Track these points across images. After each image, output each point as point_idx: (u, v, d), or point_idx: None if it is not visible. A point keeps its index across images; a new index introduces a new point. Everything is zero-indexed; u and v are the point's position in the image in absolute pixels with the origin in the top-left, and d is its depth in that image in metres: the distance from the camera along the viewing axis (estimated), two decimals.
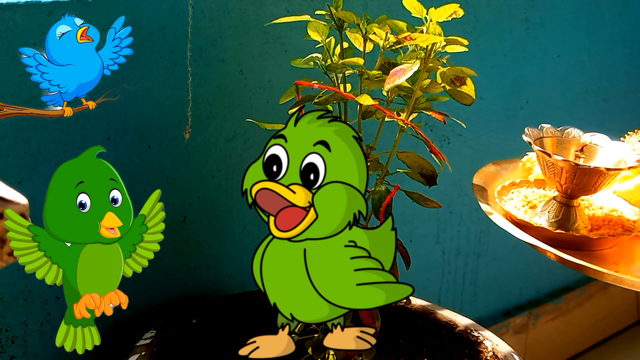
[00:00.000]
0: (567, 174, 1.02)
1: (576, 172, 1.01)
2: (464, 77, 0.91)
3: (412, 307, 1.12)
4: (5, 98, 0.92)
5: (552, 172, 1.03)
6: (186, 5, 1.03)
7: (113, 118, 1.01)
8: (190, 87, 1.06)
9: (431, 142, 0.91)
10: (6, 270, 0.97)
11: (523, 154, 1.19)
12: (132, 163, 1.04)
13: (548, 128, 1.09)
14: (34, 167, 0.96)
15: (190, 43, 1.05)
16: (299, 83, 0.92)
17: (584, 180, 1.02)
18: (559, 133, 1.09)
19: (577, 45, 1.56)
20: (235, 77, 1.10)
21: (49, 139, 0.97)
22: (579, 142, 1.08)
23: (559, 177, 1.02)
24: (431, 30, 0.91)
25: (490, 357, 1.04)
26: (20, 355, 1.01)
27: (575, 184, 1.02)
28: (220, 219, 1.14)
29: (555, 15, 1.49)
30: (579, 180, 1.02)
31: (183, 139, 1.08)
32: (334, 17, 0.93)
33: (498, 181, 1.14)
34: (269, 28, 1.11)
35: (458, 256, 1.50)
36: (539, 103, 1.52)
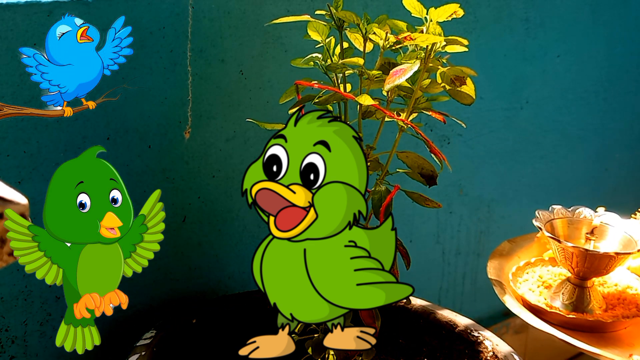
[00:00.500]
0: (577, 259, 1.04)
1: (587, 257, 1.03)
2: (464, 77, 0.91)
3: (412, 307, 1.12)
4: (5, 98, 0.92)
5: (564, 256, 1.05)
6: (186, 5, 1.03)
7: (113, 118, 1.01)
8: (190, 87, 1.06)
9: (431, 142, 0.91)
10: (6, 270, 0.97)
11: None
12: (132, 163, 1.04)
13: (559, 209, 1.11)
14: (34, 167, 0.96)
15: (190, 43, 1.05)
16: (299, 83, 0.92)
17: (595, 263, 1.03)
18: (569, 214, 1.11)
19: (577, 45, 1.56)
20: (235, 77, 1.10)
21: (49, 139, 0.97)
22: (590, 224, 1.09)
23: (571, 261, 1.04)
24: (431, 30, 0.91)
25: (490, 357, 1.04)
26: (20, 355, 1.01)
27: (587, 267, 1.04)
28: (220, 219, 1.14)
29: (555, 15, 1.49)
30: (590, 263, 1.03)
31: (183, 139, 1.08)
32: (333, 17, 0.93)
33: (513, 260, 1.15)
34: (269, 28, 1.11)
35: (458, 256, 1.50)
36: (539, 103, 1.52)
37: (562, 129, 1.59)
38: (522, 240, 1.19)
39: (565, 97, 1.57)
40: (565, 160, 1.62)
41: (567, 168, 1.63)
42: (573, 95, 1.59)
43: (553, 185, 1.61)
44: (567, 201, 1.65)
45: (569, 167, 1.63)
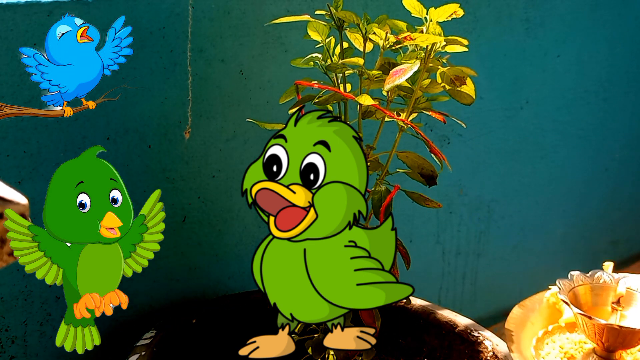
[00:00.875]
0: (609, 334, 0.99)
1: (619, 333, 0.98)
2: (463, 77, 0.91)
3: (412, 307, 1.12)
4: (5, 98, 0.92)
5: (593, 331, 1.00)
6: (186, 5, 1.03)
7: (113, 118, 1.01)
8: (190, 87, 1.06)
9: (431, 142, 0.91)
10: (6, 270, 0.97)
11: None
12: (132, 163, 1.04)
13: (578, 276, 1.06)
14: (34, 167, 0.96)
15: (190, 43, 1.05)
16: (299, 83, 0.92)
17: (627, 338, 0.99)
18: (589, 279, 1.06)
19: (577, 45, 1.56)
20: (235, 77, 1.10)
21: (49, 139, 0.97)
22: (615, 292, 1.04)
23: (601, 337, 1.00)
24: (431, 30, 0.91)
25: (490, 357, 1.04)
26: (20, 355, 1.01)
27: (618, 342, 0.99)
28: (220, 219, 1.14)
29: (555, 15, 1.49)
30: (622, 338, 0.99)
31: (183, 139, 1.08)
32: (333, 17, 0.93)
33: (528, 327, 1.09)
34: (269, 28, 1.11)
35: (458, 256, 1.50)
36: (539, 103, 1.52)
37: (562, 129, 1.59)
38: (531, 303, 1.12)
39: (565, 97, 1.57)
40: (565, 160, 1.62)
41: (567, 168, 1.63)
42: (573, 95, 1.59)
43: (553, 185, 1.61)
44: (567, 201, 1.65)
45: (569, 167, 1.63)
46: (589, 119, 1.63)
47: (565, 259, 1.69)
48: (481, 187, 1.48)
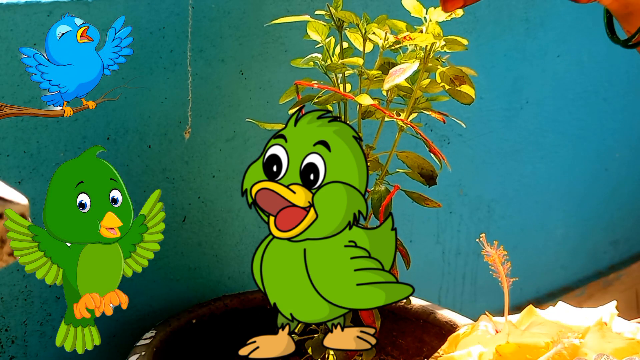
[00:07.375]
0: None
1: None
2: (463, 76, 0.91)
3: (412, 307, 1.12)
4: (5, 98, 0.92)
5: None
6: (186, 5, 1.03)
7: (113, 118, 1.01)
8: (190, 87, 1.06)
9: (431, 142, 0.91)
10: (6, 270, 0.97)
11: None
12: (132, 163, 1.04)
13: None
14: (34, 167, 0.96)
15: (190, 43, 1.05)
16: (298, 83, 0.92)
17: None
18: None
19: (577, 45, 1.56)
20: (235, 77, 1.10)
21: (49, 139, 0.97)
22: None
23: None
24: (430, 30, 0.91)
25: None
26: (20, 355, 1.01)
27: None
28: (220, 219, 1.14)
29: (555, 15, 1.49)
30: None
31: (183, 139, 1.08)
32: (333, 17, 0.93)
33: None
34: (269, 28, 1.11)
35: (458, 256, 1.50)
36: (539, 103, 1.52)
37: (562, 129, 1.59)
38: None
39: (565, 97, 1.57)
40: (565, 160, 1.62)
41: (567, 168, 1.63)
42: (573, 95, 1.59)
43: (553, 185, 1.61)
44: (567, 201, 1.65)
45: (569, 167, 1.63)
46: (589, 119, 1.63)
47: (565, 259, 1.69)
48: (481, 187, 1.48)
